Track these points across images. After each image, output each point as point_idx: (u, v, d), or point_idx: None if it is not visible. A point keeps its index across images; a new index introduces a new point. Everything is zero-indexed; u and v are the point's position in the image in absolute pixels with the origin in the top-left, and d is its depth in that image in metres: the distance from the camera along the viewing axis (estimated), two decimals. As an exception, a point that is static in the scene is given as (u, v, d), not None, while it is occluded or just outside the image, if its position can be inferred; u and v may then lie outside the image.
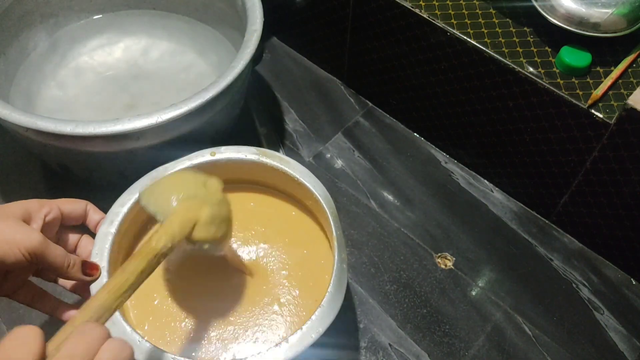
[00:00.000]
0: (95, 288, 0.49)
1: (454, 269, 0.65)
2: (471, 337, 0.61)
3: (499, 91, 0.62)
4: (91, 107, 0.71)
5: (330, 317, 0.48)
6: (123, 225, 0.53)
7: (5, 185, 0.70)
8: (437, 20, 0.62)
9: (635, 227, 0.60)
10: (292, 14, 0.79)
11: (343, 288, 0.51)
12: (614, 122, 0.55)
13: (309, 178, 0.56)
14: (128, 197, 0.54)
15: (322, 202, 0.55)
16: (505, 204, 0.70)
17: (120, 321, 0.47)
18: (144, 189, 0.48)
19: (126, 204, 0.54)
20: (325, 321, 0.48)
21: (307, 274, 0.56)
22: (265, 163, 0.57)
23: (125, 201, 0.54)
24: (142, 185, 0.55)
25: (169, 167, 0.56)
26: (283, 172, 0.57)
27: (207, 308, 0.54)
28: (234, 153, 0.58)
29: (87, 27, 0.76)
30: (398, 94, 0.73)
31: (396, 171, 0.73)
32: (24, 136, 0.58)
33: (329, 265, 0.53)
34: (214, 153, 0.57)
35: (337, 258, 0.51)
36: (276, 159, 0.58)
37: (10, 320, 0.61)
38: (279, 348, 0.46)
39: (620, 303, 0.63)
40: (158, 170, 0.56)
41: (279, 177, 0.58)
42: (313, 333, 0.47)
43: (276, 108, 0.78)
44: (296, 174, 0.56)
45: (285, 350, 0.46)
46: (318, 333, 0.47)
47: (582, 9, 0.56)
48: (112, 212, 0.53)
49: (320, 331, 0.47)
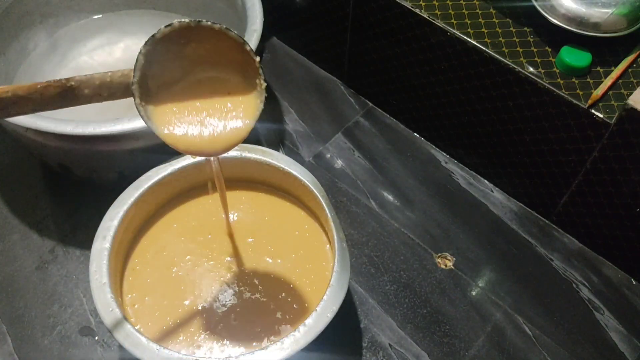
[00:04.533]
0: (95, 284, 0.50)
1: (454, 269, 0.65)
2: (471, 337, 0.61)
3: (499, 91, 0.62)
4: (91, 107, 0.70)
5: (341, 295, 0.49)
6: (116, 239, 0.53)
7: (5, 185, 0.70)
8: (437, 20, 0.62)
9: (635, 227, 0.60)
10: (292, 14, 0.79)
11: (347, 266, 0.52)
12: (614, 122, 0.55)
13: (295, 166, 0.57)
14: (117, 211, 0.54)
15: (312, 187, 0.55)
16: (505, 204, 0.70)
17: (134, 333, 0.47)
18: None
19: (116, 218, 0.53)
20: (337, 299, 0.49)
21: (306, 262, 0.57)
22: (248, 158, 0.58)
23: (115, 215, 0.54)
24: (128, 196, 0.55)
25: (161, 169, 0.56)
26: (267, 164, 0.57)
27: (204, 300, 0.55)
28: None
29: (87, 27, 0.76)
30: (398, 94, 0.73)
31: (396, 171, 0.73)
32: (24, 136, 0.58)
33: (326, 252, 0.55)
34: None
35: (336, 238, 0.52)
36: (258, 152, 0.58)
37: (11, 320, 0.61)
38: (298, 332, 0.47)
39: (621, 303, 0.63)
40: (153, 171, 0.56)
41: (264, 170, 0.58)
42: (328, 312, 0.48)
43: (276, 108, 0.78)
44: (281, 164, 0.57)
45: (304, 334, 0.47)
46: (333, 312, 0.48)
47: (582, 9, 0.57)
48: (103, 227, 0.53)
49: (334, 310, 0.48)
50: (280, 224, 0.59)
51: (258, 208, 0.60)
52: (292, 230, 0.59)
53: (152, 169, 0.57)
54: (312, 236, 0.59)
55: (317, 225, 0.59)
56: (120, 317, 0.48)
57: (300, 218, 0.60)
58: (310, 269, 0.56)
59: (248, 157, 0.58)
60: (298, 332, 0.47)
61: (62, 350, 0.59)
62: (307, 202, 0.59)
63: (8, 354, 0.59)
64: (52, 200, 0.69)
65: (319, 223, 0.59)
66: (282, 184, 0.59)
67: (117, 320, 0.48)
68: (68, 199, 0.68)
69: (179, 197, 0.60)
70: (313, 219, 0.59)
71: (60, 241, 0.66)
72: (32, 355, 0.59)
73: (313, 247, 0.58)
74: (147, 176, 0.56)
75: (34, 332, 0.60)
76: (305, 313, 0.53)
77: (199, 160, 0.57)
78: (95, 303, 0.49)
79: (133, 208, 0.55)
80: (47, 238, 0.66)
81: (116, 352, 0.59)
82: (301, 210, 0.60)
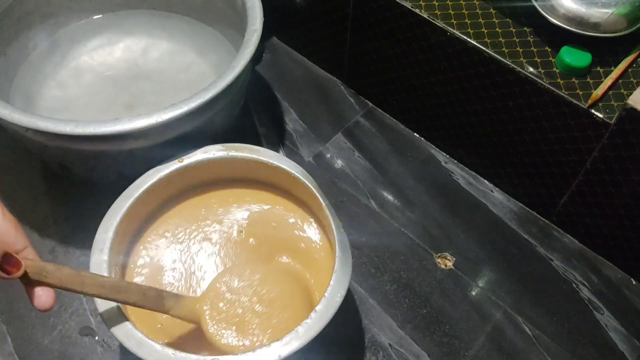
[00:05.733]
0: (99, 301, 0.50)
1: (454, 269, 0.65)
2: (471, 337, 0.61)
3: (499, 91, 0.62)
4: (91, 107, 0.71)
5: (347, 278, 0.50)
6: (113, 250, 0.53)
7: (5, 185, 0.70)
8: (437, 20, 0.62)
9: (635, 227, 0.60)
10: (292, 14, 0.79)
11: (348, 249, 0.53)
12: (614, 122, 0.55)
13: (283, 160, 0.57)
14: (110, 222, 0.53)
15: (302, 179, 0.56)
16: (505, 204, 0.70)
17: (148, 342, 0.47)
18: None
19: (110, 229, 0.53)
20: (344, 283, 0.50)
21: (304, 255, 0.57)
22: (235, 157, 0.58)
23: (109, 226, 0.53)
24: (117, 207, 0.54)
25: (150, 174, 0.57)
26: (255, 161, 0.57)
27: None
28: (201, 154, 0.58)
29: (87, 27, 0.76)
30: (398, 94, 0.73)
31: (396, 171, 0.73)
32: (24, 136, 0.58)
33: (324, 242, 0.56)
34: (182, 160, 0.57)
35: (333, 224, 0.53)
36: (245, 150, 0.58)
37: (11, 320, 0.61)
38: (310, 320, 0.48)
39: (620, 303, 0.63)
40: (149, 173, 0.56)
41: (253, 168, 0.58)
42: (336, 297, 0.49)
43: (276, 108, 0.78)
44: (269, 159, 0.57)
45: (317, 320, 0.48)
46: (341, 296, 0.49)
47: (582, 9, 0.57)
48: (98, 240, 0.52)
49: (342, 294, 0.49)
50: (274, 219, 0.59)
51: (249, 205, 0.60)
52: (286, 224, 0.59)
53: (140, 177, 0.56)
54: (308, 229, 0.59)
55: (310, 217, 0.59)
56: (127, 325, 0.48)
57: (293, 210, 0.60)
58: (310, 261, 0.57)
59: (235, 156, 0.58)
60: (310, 319, 0.48)
61: (62, 350, 0.59)
62: (300, 196, 0.59)
63: (8, 354, 0.59)
64: (52, 200, 0.69)
65: (313, 215, 0.59)
66: (272, 179, 0.59)
67: (119, 320, 0.48)
68: (68, 199, 0.68)
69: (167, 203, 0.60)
70: (307, 212, 0.59)
71: (60, 241, 0.66)
72: (32, 355, 0.59)
73: (310, 240, 0.58)
74: (136, 185, 0.56)
75: (34, 332, 0.60)
76: (311, 304, 0.53)
77: (187, 164, 0.57)
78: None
79: (125, 218, 0.54)
80: (47, 238, 0.66)
81: (116, 352, 0.59)
82: (293, 203, 0.60)
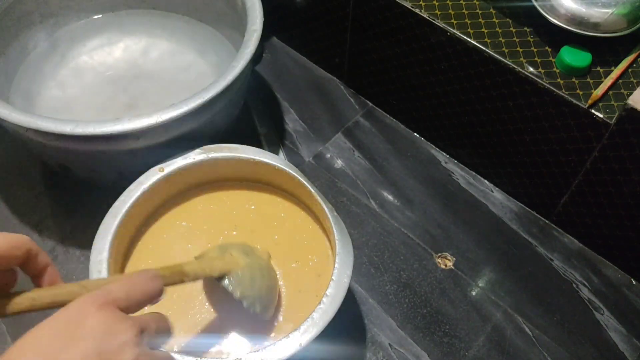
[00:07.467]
0: None
1: (454, 269, 0.65)
2: (471, 337, 0.61)
3: (499, 91, 0.62)
4: (91, 107, 0.71)
5: (350, 260, 0.51)
6: (110, 271, 0.52)
7: (5, 185, 0.70)
8: (437, 20, 0.62)
9: (635, 227, 0.60)
10: (292, 14, 0.79)
11: (346, 232, 0.53)
12: (614, 122, 0.55)
13: (264, 154, 0.57)
14: (103, 243, 0.53)
15: (287, 169, 0.56)
16: (505, 204, 0.70)
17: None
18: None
19: (104, 250, 0.52)
20: (348, 264, 0.51)
21: (300, 246, 0.58)
22: (216, 158, 0.58)
23: (102, 247, 0.52)
24: (108, 225, 0.54)
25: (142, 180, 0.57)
26: (236, 159, 0.58)
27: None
28: (181, 160, 0.58)
29: (87, 27, 0.76)
30: (398, 94, 0.73)
31: (396, 171, 0.73)
32: (24, 136, 0.58)
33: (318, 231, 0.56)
34: (162, 169, 0.57)
35: (325, 208, 0.53)
36: (224, 149, 0.58)
37: (11, 320, 0.60)
38: (323, 305, 0.48)
39: (620, 303, 0.63)
40: (130, 188, 0.56)
41: (235, 167, 0.58)
42: (344, 278, 0.50)
43: (276, 108, 0.78)
44: (250, 155, 0.57)
45: (330, 304, 0.48)
46: (348, 276, 0.50)
47: (582, 9, 0.56)
48: (94, 262, 0.52)
49: (348, 274, 0.50)
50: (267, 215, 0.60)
51: (238, 203, 0.61)
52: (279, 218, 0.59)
53: (124, 191, 0.56)
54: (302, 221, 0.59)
55: (301, 207, 0.59)
56: None
57: (282, 203, 0.60)
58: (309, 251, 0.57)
59: (215, 157, 0.58)
60: (323, 304, 0.48)
61: (62, 350, 0.59)
62: (287, 187, 0.59)
63: (8, 354, 0.59)
64: (52, 200, 0.69)
65: (304, 205, 0.59)
66: (257, 175, 0.59)
67: None
68: (68, 199, 0.68)
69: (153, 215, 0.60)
70: (297, 203, 0.60)
71: (60, 241, 0.66)
72: (32, 355, 0.59)
73: (305, 230, 0.58)
74: (120, 200, 0.55)
75: (34, 332, 0.60)
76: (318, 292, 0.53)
77: (168, 173, 0.57)
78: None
79: (117, 236, 0.54)
80: (47, 238, 0.66)
81: (116, 352, 0.59)
82: (281, 197, 0.60)
